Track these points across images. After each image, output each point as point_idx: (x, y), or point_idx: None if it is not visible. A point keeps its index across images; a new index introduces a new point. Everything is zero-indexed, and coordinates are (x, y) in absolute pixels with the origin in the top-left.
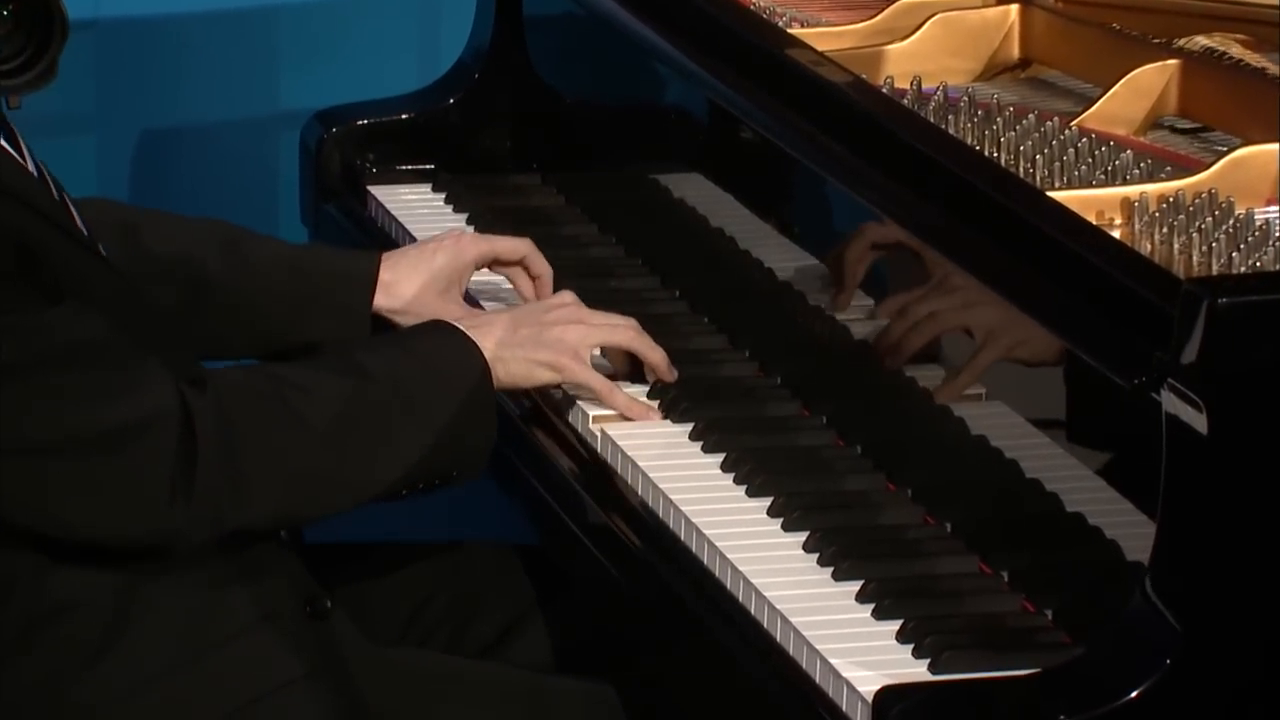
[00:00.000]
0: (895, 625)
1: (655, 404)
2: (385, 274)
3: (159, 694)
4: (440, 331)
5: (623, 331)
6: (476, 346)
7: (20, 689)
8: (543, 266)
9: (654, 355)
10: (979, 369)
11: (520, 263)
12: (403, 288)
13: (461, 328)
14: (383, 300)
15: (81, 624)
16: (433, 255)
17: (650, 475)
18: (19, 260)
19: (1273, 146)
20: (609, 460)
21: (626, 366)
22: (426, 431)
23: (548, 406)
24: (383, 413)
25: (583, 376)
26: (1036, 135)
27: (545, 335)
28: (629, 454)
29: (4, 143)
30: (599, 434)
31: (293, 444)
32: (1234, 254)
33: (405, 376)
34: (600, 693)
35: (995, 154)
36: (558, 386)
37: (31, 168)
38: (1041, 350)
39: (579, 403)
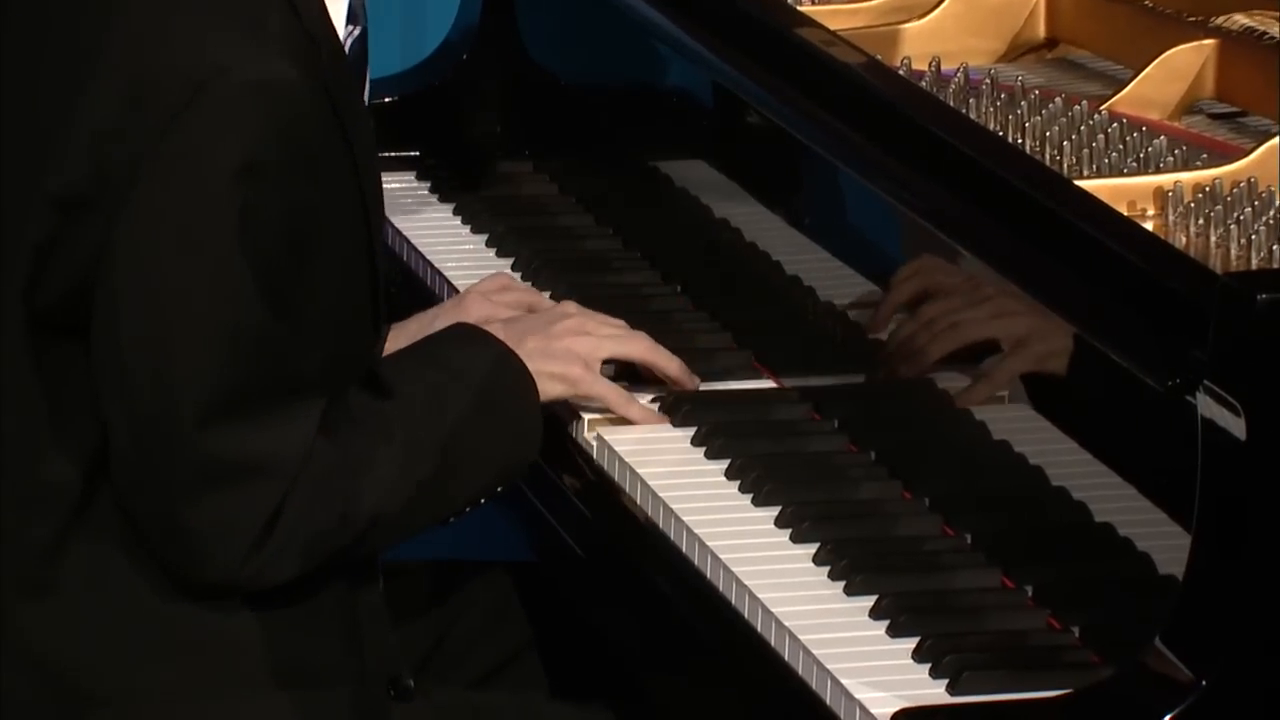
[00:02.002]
0: (911, 643)
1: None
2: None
3: (199, 708)
4: (479, 345)
5: (636, 342)
6: (519, 359)
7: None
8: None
9: (671, 366)
10: (1001, 380)
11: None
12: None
13: (497, 335)
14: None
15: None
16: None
17: (650, 483)
18: (306, 244)
19: None
20: (606, 467)
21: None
22: (479, 473)
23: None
24: (444, 465)
25: (596, 389)
26: (1064, 120)
27: (553, 347)
28: (627, 460)
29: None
30: (595, 440)
31: (349, 523)
32: (1275, 247)
33: (455, 408)
34: (598, 717)
35: (1019, 140)
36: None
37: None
38: (1068, 358)
39: (575, 407)
